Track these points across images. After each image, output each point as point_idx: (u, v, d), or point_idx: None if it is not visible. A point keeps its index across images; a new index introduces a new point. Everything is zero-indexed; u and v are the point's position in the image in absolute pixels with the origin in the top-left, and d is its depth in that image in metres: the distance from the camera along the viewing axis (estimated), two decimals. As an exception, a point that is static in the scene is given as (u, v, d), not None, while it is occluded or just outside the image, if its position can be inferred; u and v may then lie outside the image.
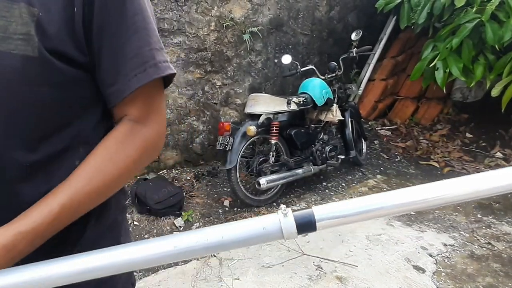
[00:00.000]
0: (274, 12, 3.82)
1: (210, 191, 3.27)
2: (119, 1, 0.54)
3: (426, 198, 0.40)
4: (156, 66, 0.56)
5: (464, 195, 0.40)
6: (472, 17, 3.08)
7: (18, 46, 0.47)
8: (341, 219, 0.39)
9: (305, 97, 3.14)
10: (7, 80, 0.47)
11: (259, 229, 0.38)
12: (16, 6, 0.47)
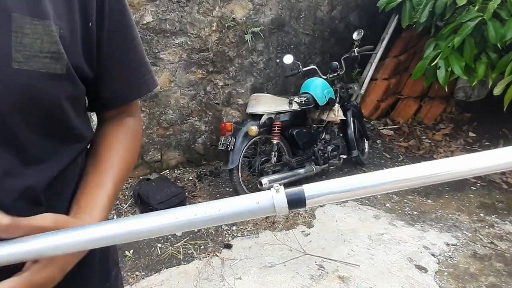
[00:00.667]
0: (275, 12, 3.82)
1: (212, 191, 3.28)
2: (123, 14, 0.59)
3: (416, 175, 0.42)
4: (153, 76, 0.66)
5: (457, 172, 0.42)
6: (474, 16, 3.07)
7: (46, 65, 0.46)
8: (330, 196, 0.42)
9: (307, 97, 3.14)
10: (32, 98, 0.47)
11: (253, 203, 0.41)
12: (38, 23, 0.46)
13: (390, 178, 0.42)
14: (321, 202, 0.42)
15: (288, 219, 2.83)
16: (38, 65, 0.46)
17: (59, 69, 0.48)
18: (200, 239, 2.58)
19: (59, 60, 0.48)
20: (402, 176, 0.42)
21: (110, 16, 0.56)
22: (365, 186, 0.42)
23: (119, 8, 0.58)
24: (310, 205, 0.42)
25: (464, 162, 0.42)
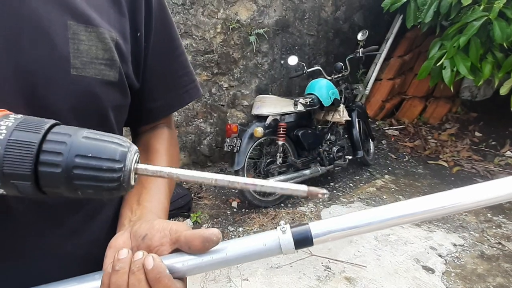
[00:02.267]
0: (280, 14, 3.83)
1: (218, 193, 3.30)
2: (168, 24, 0.60)
3: (423, 209, 0.42)
4: (197, 85, 0.66)
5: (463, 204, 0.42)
6: (480, 15, 3.06)
7: (101, 71, 0.47)
8: (337, 233, 0.41)
9: (311, 98, 3.14)
10: (88, 104, 0.47)
11: (259, 245, 0.41)
12: (92, 30, 0.47)
13: (397, 213, 0.42)
14: (329, 239, 0.42)
15: (294, 220, 2.83)
16: (94, 72, 0.46)
17: (113, 76, 0.48)
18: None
19: (113, 67, 0.48)
20: (409, 211, 0.41)
21: (156, 26, 0.57)
22: (372, 223, 0.41)
23: (164, 18, 0.59)
24: (317, 243, 0.41)
25: (474, 193, 0.42)
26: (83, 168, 0.29)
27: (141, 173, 0.34)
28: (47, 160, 0.29)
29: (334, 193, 3.33)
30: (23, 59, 0.42)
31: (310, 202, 3.14)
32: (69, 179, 0.29)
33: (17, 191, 0.29)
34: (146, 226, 0.44)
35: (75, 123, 0.44)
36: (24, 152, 0.28)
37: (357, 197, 3.25)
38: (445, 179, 3.66)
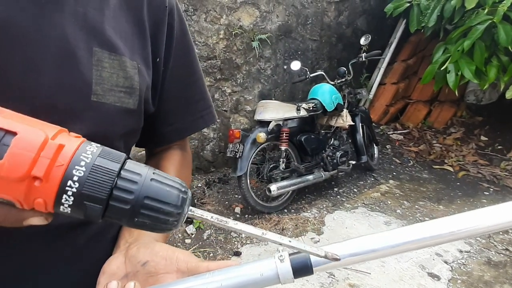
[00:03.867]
0: (282, 19, 3.84)
1: (221, 198, 3.29)
2: (188, 49, 0.60)
3: (431, 235, 0.40)
4: (212, 110, 0.66)
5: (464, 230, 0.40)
6: (484, 19, 3.04)
7: (121, 99, 0.47)
8: (337, 262, 0.39)
9: (314, 103, 3.13)
10: (103, 130, 0.47)
11: (256, 275, 0.39)
12: (115, 58, 0.47)
13: (400, 239, 0.40)
14: (329, 268, 0.40)
15: (297, 226, 2.81)
16: (113, 99, 0.47)
17: (132, 104, 0.49)
18: (209, 246, 2.58)
19: (132, 95, 0.49)
20: (416, 237, 0.39)
21: (176, 50, 0.57)
22: (374, 250, 0.40)
23: (185, 42, 0.59)
24: (317, 271, 0.39)
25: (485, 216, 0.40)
26: (148, 209, 0.32)
27: (190, 216, 0.36)
28: (119, 196, 0.31)
29: (338, 199, 3.31)
30: (45, 80, 0.42)
31: (314, 208, 3.11)
32: (133, 215, 0.32)
33: (83, 214, 0.30)
34: (146, 252, 0.43)
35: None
36: (105, 178, 0.30)
37: (361, 202, 3.22)
38: (451, 184, 3.62)
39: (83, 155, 0.30)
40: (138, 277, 0.42)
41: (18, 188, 0.26)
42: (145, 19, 0.52)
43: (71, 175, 0.29)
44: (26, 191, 0.27)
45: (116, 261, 0.44)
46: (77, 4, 0.45)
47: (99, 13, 0.47)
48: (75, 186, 0.29)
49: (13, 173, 0.26)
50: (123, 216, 0.31)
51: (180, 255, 0.42)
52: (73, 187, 0.29)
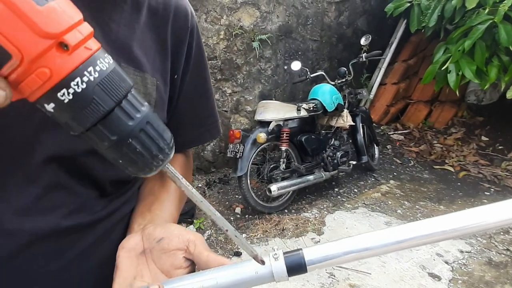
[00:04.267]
0: (283, 19, 3.84)
1: (221, 198, 3.29)
2: (203, 67, 0.63)
3: (420, 234, 0.40)
4: (218, 125, 0.69)
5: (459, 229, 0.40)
6: (485, 19, 3.03)
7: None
8: (331, 261, 0.40)
9: (315, 103, 3.13)
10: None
11: (251, 273, 0.40)
12: (138, 74, 0.49)
13: (395, 238, 0.40)
14: (323, 266, 0.40)
15: (297, 226, 2.81)
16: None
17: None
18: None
19: None
20: (407, 236, 0.40)
21: (193, 68, 0.60)
22: (368, 248, 0.40)
23: (201, 61, 0.62)
24: (311, 270, 0.40)
25: (473, 216, 0.40)
26: (146, 135, 0.30)
27: (165, 170, 0.34)
28: (127, 109, 0.28)
29: (338, 199, 3.30)
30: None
31: (314, 208, 3.11)
32: (129, 136, 0.29)
33: (77, 112, 0.26)
34: (161, 230, 0.46)
35: (99, 159, 0.45)
36: (121, 84, 0.28)
37: (362, 202, 3.21)
38: (451, 184, 3.61)
39: (104, 55, 0.28)
40: (153, 253, 0.45)
41: (37, 44, 0.22)
42: (168, 38, 0.55)
43: (94, 63, 0.25)
44: (43, 51, 0.22)
45: (134, 238, 0.46)
46: (110, 20, 0.47)
47: (129, 30, 0.49)
48: (93, 76, 0.25)
49: (47, 26, 0.22)
50: (118, 132, 0.28)
51: (192, 237, 0.45)
52: (92, 75, 0.25)
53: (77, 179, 0.47)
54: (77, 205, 0.47)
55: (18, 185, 0.43)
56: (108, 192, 0.52)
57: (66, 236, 0.47)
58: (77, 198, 0.47)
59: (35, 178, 0.44)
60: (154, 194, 0.58)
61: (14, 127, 0.42)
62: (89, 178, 0.48)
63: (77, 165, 0.46)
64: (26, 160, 0.43)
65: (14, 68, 0.21)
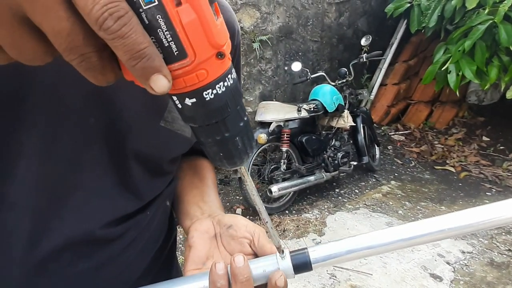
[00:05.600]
0: (283, 20, 3.85)
1: (222, 200, 3.29)
2: (238, 74, 0.63)
3: (423, 233, 0.42)
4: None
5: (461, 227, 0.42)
6: (485, 19, 3.03)
7: (182, 127, 0.51)
8: (335, 259, 0.42)
9: (315, 104, 3.13)
10: (161, 154, 0.52)
11: (259, 270, 0.42)
12: None
13: (396, 236, 0.42)
14: (328, 264, 0.43)
15: (298, 227, 2.81)
16: (177, 127, 0.50)
17: (188, 132, 0.52)
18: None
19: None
20: (411, 234, 0.41)
21: None
22: (372, 246, 0.42)
23: (238, 69, 0.62)
24: (316, 268, 0.42)
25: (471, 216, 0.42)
26: (246, 134, 0.33)
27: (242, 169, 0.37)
28: (240, 111, 0.32)
29: (339, 200, 3.30)
30: (119, 102, 0.44)
31: (315, 209, 3.11)
32: (237, 135, 0.32)
33: (211, 106, 0.29)
34: (230, 218, 0.50)
35: (137, 166, 0.48)
36: (240, 92, 0.31)
37: (363, 203, 3.21)
38: (453, 184, 3.61)
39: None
40: (223, 238, 0.49)
41: (208, 50, 0.25)
42: None
43: (231, 72, 0.29)
44: (209, 57, 0.26)
45: (206, 222, 0.50)
46: None
47: None
48: (229, 82, 0.29)
49: (218, 37, 0.26)
50: (231, 130, 0.31)
51: (257, 229, 0.48)
52: (228, 82, 0.29)
53: (120, 188, 0.48)
54: (114, 215, 0.48)
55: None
56: (144, 203, 0.53)
57: (97, 244, 0.47)
58: (116, 207, 0.48)
59: (82, 183, 0.44)
60: (197, 187, 0.62)
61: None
62: (132, 188, 0.50)
63: (122, 174, 0.48)
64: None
65: (183, 66, 0.25)
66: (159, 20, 0.23)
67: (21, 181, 0.40)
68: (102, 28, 0.21)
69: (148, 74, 0.23)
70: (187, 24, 0.24)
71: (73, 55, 0.22)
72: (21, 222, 0.41)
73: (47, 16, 0.21)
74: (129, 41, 0.22)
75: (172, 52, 0.24)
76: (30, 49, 0.23)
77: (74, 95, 0.40)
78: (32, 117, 0.39)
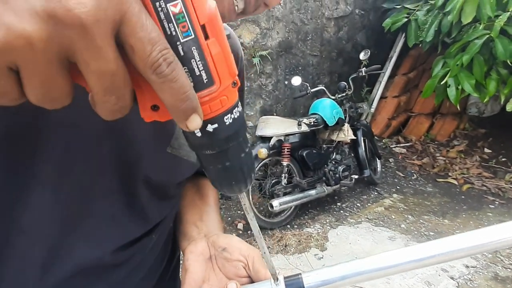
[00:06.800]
0: (282, 36, 3.90)
1: (224, 214, 3.27)
2: (242, 98, 0.65)
3: (419, 257, 0.42)
4: None
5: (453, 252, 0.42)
6: (481, 34, 3.07)
7: (188, 153, 0.52)
8: (330, 285, 0.42)
9: (315, 118, 3.15)
10: (168, 178, 0.53)
11: None
12: None
13: (392, 262, 0.42)
14: None
15: (300, 242, 2.79)
16: (183, 153, 0.51)
17: (193, 157, 0.53)
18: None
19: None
20: (406, 259, 0.42)
21: None
22: (366, 271, 0.42)
23: (241, 93, 0.64)
24: None
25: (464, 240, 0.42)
26: (248, 165, 0.34)
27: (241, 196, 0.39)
28: (245, 141, 0.33)
29: (341, 213, 3.28)
30: (129, 132, 0.45)
31: (317, 223, 3.09)
32: (241, 165, 0.33)
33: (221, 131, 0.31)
34: (225, 240, 0.50)
35: (145, 191, 0.49)
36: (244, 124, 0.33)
37: (365, 217, 3.19)
38: (455, 197, 3.58)
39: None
40: (217, 260, 0.49)
41: (228, 79, 0.29)
42: None
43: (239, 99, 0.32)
44: (229, 84, 0.29)
45: (201, 244, 0.50)
46: None
47: None
48: (239, 109, 0.31)
49: (234, 68, 0.29)
50: (237, 160, 0.33)
51: (251, 252, 0.48)
52: (239, 109, 0.31)
53: (129, 213, 0.49)
54: (123, 240, 0.49)
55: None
56: (150, 227, 0.54)
57: (106, 268, 0.48)
58: (125, 232, 0.50)
59: (93, 211, 0.46)
60: (197, 206, 0.62)
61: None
62: (140, 213, 0.51)
63: (132, 200, 0.49)
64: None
65: (211, 93, 0.28)
66: (194, 51, 0.25)
67: (34, 208, 0.41)
68: (155, 72, 0.23)
69: (188, 115, 0.25)
70: (215, 55, 0.27)
71: (109, 96, 0.23)
72: (34, 249, 0.42)
73: (96, 56, 0.21)
74: (177, 85, 0.24)
75: (202, 80, 0.27)
76: (59, 89, 0.23)
77: (89, 127, 0.42)
78: (47, 148, 0.40)
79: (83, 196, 0.44)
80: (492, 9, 2.94)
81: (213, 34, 0.26)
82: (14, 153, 0.39)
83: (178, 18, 0.24)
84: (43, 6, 0.19)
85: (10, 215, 0.40)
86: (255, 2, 0.46)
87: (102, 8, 0.20)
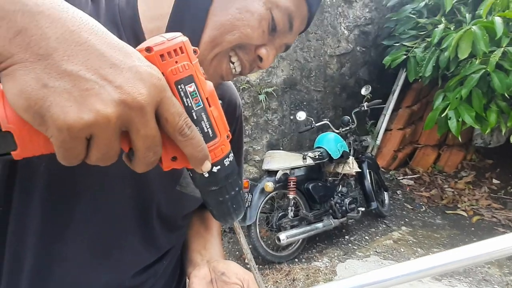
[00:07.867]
0: (287, 73, 4.08)
1: (231, 248, 3.29)
2: (240, 146, 0.74)
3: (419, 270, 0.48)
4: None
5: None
6: (478, 68, 3.18)
7: (194, 190, 0.59)
8: None
9: (320, 151, 3.23)
10: (175, 213, 0.62)
11: None
12: None
13: (386, 276, 0.48)
14: None
15: (308, 276, 2.77)
16: (189, 190, 0.60)
17: (198, 193, 0.62)
18: None
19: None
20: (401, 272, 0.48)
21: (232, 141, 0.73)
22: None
23: (239, 141, 0.74)
24: None
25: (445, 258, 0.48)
26: (241, 199, 0.44)
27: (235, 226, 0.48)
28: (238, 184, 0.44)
29: (349, 247, 3.26)
30: (147, 176, 0.54)
31: (325, 257, 3.08)
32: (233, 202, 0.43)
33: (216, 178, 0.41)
34: (223, 265, 0.58)
35: (158, 224, 0.59)
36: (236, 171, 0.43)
37: (373, 250, 3.17)
38: (465, 229, 3.54)
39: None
40: (218, 283, 0.56)
41: (225, 132, 0.39)
42: None
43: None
44: (226, 137, 0.39)
45: (204, 269, 0.59)
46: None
47: None
48: (229, 160, 0.41)
49: (227, 125, 0.40)
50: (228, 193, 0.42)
51: (246, 276, 0.57)
52: (231, 156, 0.41)
53: (145, 243, 0.59)
54: (140, 266, 0.58)
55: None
56: (161, 254, 0.63)
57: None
58: (141, 259, 0.59)
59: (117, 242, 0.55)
60: (202, 236, 0.71)
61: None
62: (154, 242, 0.60)
63: (148, 232, 0.58)
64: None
65: (215, 144, 0.38)
66: (203, 116, 0.37)
67: (70, 240, 0.50)
68: (181, 134, 0.33)
69: (202, 161, 0.36)
70: (216, 117, 0.38)
71: (149, 152, 0.32)
72: (68, 274, 0.51)
73: (145, 126, 0.30)
74: (195, 141, 0.34)
75: (209, 135, 0.37)
76: (114, 150, 0.31)
77: (116, 172, 0.52)
78: (82, 192, 0.50)
79: (110, 229, 0.54)
80: (486, 45, 3.07)
81: (213, 103, 0.38)
82: (57, 194, 0.49)
83: (192, 94, 0.35)
84: (120, 97, 0.29)
85: (53, 247, 0.50)
86: (249, 66, 0.56)
87: (151, 95, 0.30)
